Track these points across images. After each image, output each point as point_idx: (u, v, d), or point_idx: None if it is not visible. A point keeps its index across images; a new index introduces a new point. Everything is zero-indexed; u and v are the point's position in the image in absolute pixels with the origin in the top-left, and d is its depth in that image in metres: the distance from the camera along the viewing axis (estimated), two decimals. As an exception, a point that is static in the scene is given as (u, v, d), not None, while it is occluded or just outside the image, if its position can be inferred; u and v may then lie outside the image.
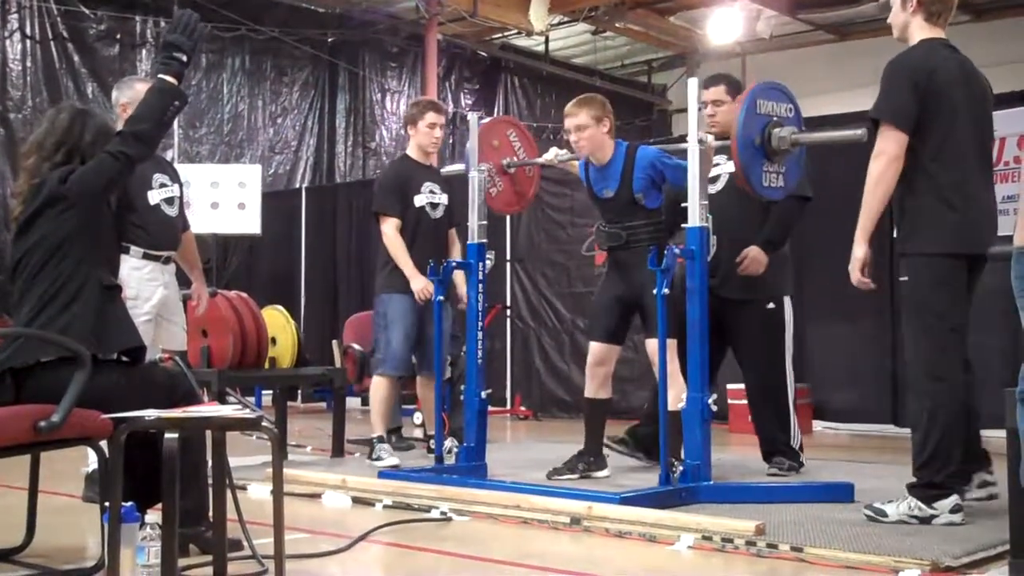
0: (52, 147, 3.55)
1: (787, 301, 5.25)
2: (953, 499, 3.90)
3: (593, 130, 5.02)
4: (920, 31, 4.10)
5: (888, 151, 3.93)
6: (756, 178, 4.46)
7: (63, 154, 3.54)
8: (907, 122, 3.94)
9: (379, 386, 5.86)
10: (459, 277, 5.88)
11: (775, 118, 4.52)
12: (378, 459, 5.63)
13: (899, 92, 3.96)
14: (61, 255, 3.41)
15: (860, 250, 4.02)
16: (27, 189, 3.50)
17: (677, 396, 4.58)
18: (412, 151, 6.09)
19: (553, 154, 5.50)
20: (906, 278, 4.05)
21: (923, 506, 3.89)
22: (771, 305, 5.16)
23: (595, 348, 5.15)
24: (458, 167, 5.84)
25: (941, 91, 3.97)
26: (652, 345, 4.80)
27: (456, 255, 5.94)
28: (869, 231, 4.02)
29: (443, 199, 5.99)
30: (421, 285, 5.67)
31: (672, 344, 4.69)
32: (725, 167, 5.15)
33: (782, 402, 5.13)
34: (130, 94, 4.99)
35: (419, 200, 5.90)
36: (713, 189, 5.03)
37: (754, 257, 5.07)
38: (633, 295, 4.97)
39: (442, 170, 6.07)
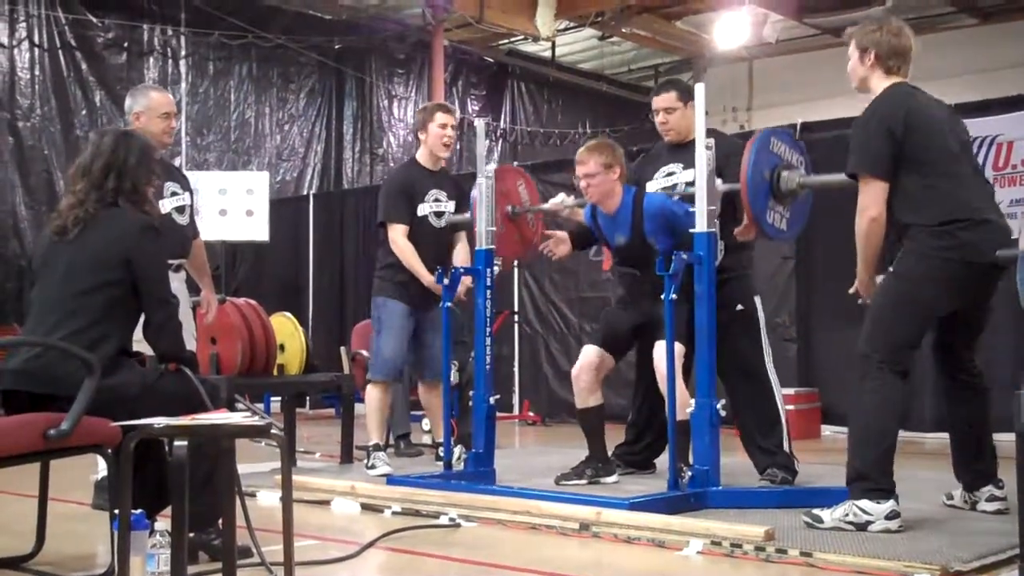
0: (101, 172, 3.62)
1: (757, 301, 5.18)
2: (889, 504, 3.89)
3: (602, 177, 4.98)
4: (880, 82, 4.18)
5: (870, 208, 4.01)
6: (761, 212, 4.49)
7: (113, 178, 3.61)
8: (885, 170, 4.00)
9: (372, 394, 5.79)
10: (462, 256, 5.84)
11: (785, 160, 4.55)
12: (372, 467, 5.61)
13: (872, 142, 4.03)
14: (106, 293, 3.50)
15: (862, 281, 4.16)
16: (83, 214, 3.57)
17: (681, 406, 4.56)
18: (421, 156, 5.97)
19: (560, 199, 5.50)
20: (893, 269, 4.10)
21: (858, 511, 3.89)
22: (740, 307, 5.01)
23: (590, 352, 5.13)
24: (463, 216, 5.74)
25: (920, 128, 4.03)
26: (659, 348, 4.79)
27: (460, 260, 5.88)
28: (868, 271, 4.13)
29: (449, 206, 5.90)
30: (431, 281, 5.54)
31: (679, 352, 4.69)
32: (682, 175, 5.12)
33: (770, 404, 5.03)
34: (144, 102, 5.00)
35: (423, 209, 5.83)
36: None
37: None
38: (645, 320, 4.97)
39: (445, 218, 5.91)
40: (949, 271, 3.97)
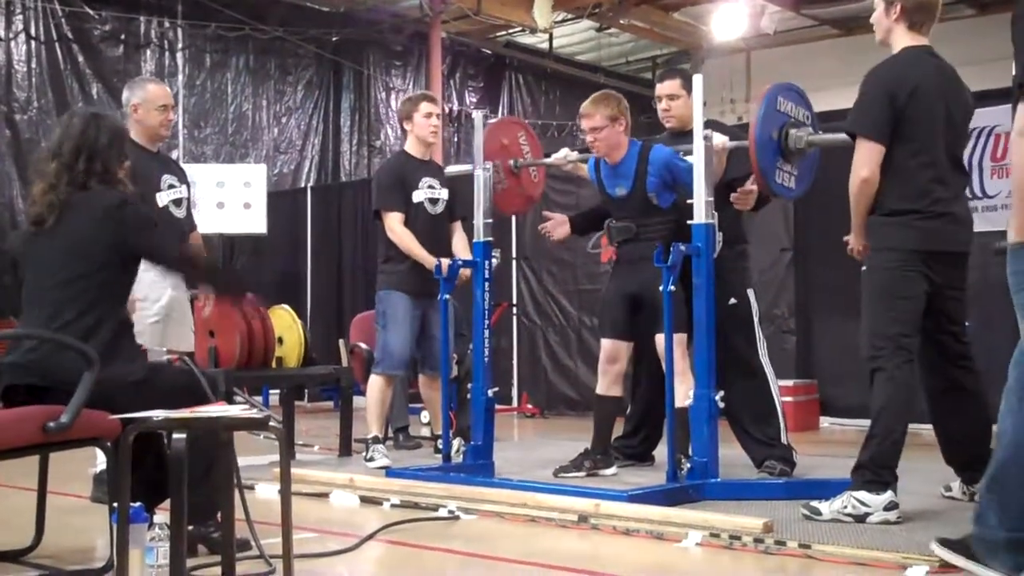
0: (71, 153, 3.57)
1: (750, 294, 5.15)
2: (887, 496, 3.90)
3: (608, 131, 4.96)
4: (903, 39, 4.14)
5: (861, 168, 4.01)
6: (769, 171, 4.43)
7: (84, 160, 3.56)
8: (883, 135, 3.99)
9: (375, 386, 5.79)
10: (461, 247, 5.85)
11: (792, 118, 4.51)
12: (371, 460, 5.62)
13: (875, 104, 4.01)
14: (93, 279, 3.48)
15: (856, 240, 4.18)
16: (56, 200, 3.53)
17: (686, 393, 4.56)
18: (410, 147, 5.98)
19: (563, 154, 5.47)
20: (865, 267, 4.13)
21: (856, 503, 3.89)
22: (732, 300, 4.98)
23: (605, 344, 5.13)
24: (464, 167, 5.81)
25: (921, 104, 4.01)
26: (661, 340, 4.78)
27: (459, 249, 5.89)
28: (859, 231, 4.15)
29: (443, 194, 5.89)
30: (434, 264, 5.45)
31: (682, 340, 4.69)
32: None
33: (766, 397, 5.01)
34: (141, 94, 5.01)
35: (417, 196, 5.82)
36: None
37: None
38: (642, 291, 4.95)
39: (446, 169, 6.03)
40: (912, 261, 4.00)
